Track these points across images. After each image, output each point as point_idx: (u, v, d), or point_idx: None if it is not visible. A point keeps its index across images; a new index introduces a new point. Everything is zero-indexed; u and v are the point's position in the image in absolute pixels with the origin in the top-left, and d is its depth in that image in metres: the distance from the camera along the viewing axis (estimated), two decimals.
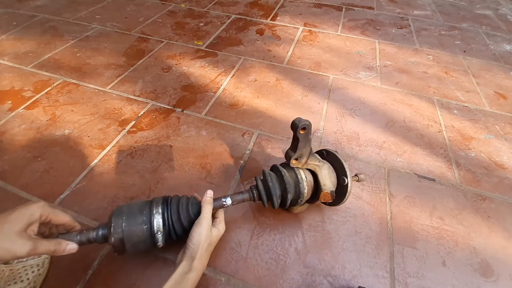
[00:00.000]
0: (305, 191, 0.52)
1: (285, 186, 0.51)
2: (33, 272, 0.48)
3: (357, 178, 0.57)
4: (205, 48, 1.14)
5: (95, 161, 0.70)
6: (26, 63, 1.01)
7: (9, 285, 0.45)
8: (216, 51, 1.12)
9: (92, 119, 0.81)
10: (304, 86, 0.96)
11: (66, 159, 0.70)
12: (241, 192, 0.53)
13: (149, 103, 0.87)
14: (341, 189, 0.54)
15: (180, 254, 0.46)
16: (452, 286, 0.52)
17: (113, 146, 0.74)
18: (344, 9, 1.51)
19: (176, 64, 1.04)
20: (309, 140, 0.50)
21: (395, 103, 0.92)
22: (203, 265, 0.46)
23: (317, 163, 0.53)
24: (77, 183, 0.65)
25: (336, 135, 0.80)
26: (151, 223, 0.44)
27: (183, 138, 0.77)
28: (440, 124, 0.85)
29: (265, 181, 0.53)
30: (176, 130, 0.79)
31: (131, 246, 0.44)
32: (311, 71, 1.04)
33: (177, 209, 0.47)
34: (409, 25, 1.39)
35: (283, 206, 0.55)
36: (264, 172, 0.54)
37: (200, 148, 0.74)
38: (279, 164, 0.57)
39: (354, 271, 0.53)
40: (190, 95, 0.91)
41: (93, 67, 1.01)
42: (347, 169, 0.53)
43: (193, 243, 0.44)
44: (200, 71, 1.01)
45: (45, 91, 0.90)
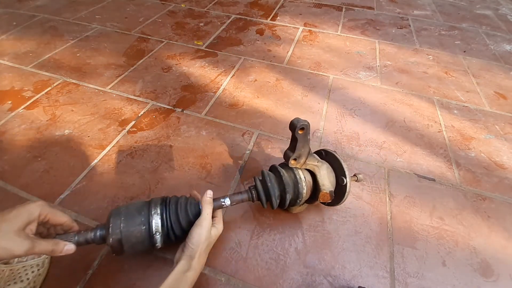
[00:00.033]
0: (304, 191, 0.52)
1: (284, 187, 0.51)
2: (33, 272, 0.48)
3: (356, 178, 0.57)
4: (205, 48, 1.14)
5: (95, 161, 0.70)
6: (26, 63, 1.01)
7: (9, 285, 0.45)
8: (216, 51, 1.12)
9: (92, 119, 0.81)
10: (304, 86, 0.96)
11: (66, 159, 0.70)
12: (240, 193, 0.53)
13: (149, 103, 0.87)
14: (340, 189, 0.54)
15: (179, 252, 0.46)
16: (452, 286, 0.52)
17: (113, 146, 0.74)
18: (344, 9, 1.51)
19: (176, 64, 1.04)
20: (307, 140, 0.50)
21: (395, 103, 0.92)
22: (201, 264, 0.46)
23: (315, 163, 0.53)
24: (77, 183, 0.65)
25: (336, 135, 0.80)
26: (149, 224, 0.44)
27: (183, 138, 0.77)
28: (440, 124, 0.85)
29: (264, 181, 0.53)
30: (176, 130, 0.79)
31: (129, 247, 0.44)
32: (311, 71, 1.04)
33: (175, 210, 0.47)
34: (409, 25, 1.39)
35: (282, 207, 0.55)
36: (263, 172, 0.54)
37: (200, 148, 0.74)
38: (278, 165, 0.57)
39: (354, 271, 0.53)
40: (190, 95, 0.91)
41: (93, 67, 1.01)
42: (346, 169, 0.53)
43: (193, 243, 0.44)
44: (200, 71, 1.01)
45: (45, 91, 0.90)
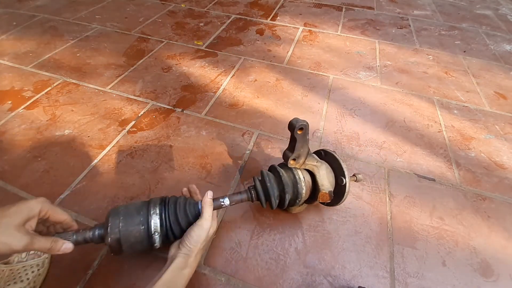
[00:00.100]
0: (303, 191, 0.52)
1: (283, 187, 0.51)
2: (33, 272, 0.48)
3: (355, 178, 0.57)
4: (205, 48, 1.14)
5: (95, 161, 0.70)
6: (26, 63, 1.01)
7: (9, 285, 0.45)
8: (216, 51, 1.12)
9: (92, 119, 0.81)
10: (304, 86, 0.96)
11: (66, 159, 0.70)
12: (239, 193, 0.53)
13: (149, 103, 0.87)
14: (339, 189, 0.54)
15: (174, 248, 0.46)
16: (452, 286, 0.52)
17: (113, 146, 0.74)
18: (344, 9, 1.51)
19: (176, 64, 1.04)
20: (306, 140, 0.50)
21: (395, 103, 0.92)
22: (197, 261, 0.47)
23: (315, 163, 0.53)
24: (77, 183, 0.65)
25: (336, 135, 0.80)
26: (148, 224, 0.44)
27: (183, 138, 0.77)
28: (440, 124, 0.85)
29: (263, 181, 0.53)
30: (176, 130, 0.79)
31: (128, 247, 0.44)
32: (311, 71, 1.04)
33: (174, 210, 0.47)
34: (409, 25, 1.39)
35: (281, 207, 0.55)
36: (262, 172, 0.54)
37: (200, 148, 0.74)
38: (277, 165, 0.57)
39: (354, 271, 0.53)
40: (190, 95, 0.91)
41: (93, 67, 1.01)
42: (345, 169, 0.53)
43: (191, 243, 0.44)
44: (200, 71, 1.01)
45: (45, 91, 0.90)
